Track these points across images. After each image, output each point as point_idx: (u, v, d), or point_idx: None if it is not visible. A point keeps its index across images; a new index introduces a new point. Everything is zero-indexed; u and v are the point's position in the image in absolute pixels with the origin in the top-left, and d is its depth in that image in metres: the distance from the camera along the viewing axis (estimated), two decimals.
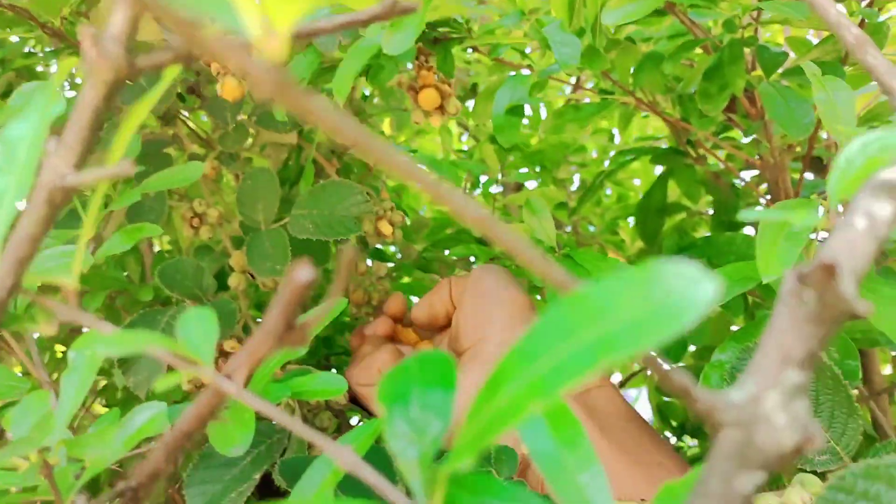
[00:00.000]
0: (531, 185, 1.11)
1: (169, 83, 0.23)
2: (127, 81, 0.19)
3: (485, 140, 0.92)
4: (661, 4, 0.45)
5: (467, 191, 0.97)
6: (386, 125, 1.16)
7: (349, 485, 0.38)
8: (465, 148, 1.28)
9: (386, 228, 0.66)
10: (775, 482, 0.43)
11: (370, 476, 0.18)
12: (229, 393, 0.19)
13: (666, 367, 0.16)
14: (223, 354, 0.60)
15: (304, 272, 0.17)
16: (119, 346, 0.19)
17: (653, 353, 0.16)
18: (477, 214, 0.15)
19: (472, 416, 0.16)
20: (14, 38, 0.89)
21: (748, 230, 0.82)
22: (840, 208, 0.39)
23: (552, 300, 0.53)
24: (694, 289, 0.14)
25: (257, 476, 0.48)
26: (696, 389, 0.16)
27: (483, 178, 1.13)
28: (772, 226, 0.35)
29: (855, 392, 0.43)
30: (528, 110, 0.98)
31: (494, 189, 1.03)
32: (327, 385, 0.39)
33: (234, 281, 0.64)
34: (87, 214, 0.53)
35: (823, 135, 0.68)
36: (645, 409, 0.89)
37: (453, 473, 0.18)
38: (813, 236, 0.38)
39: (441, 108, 0.60)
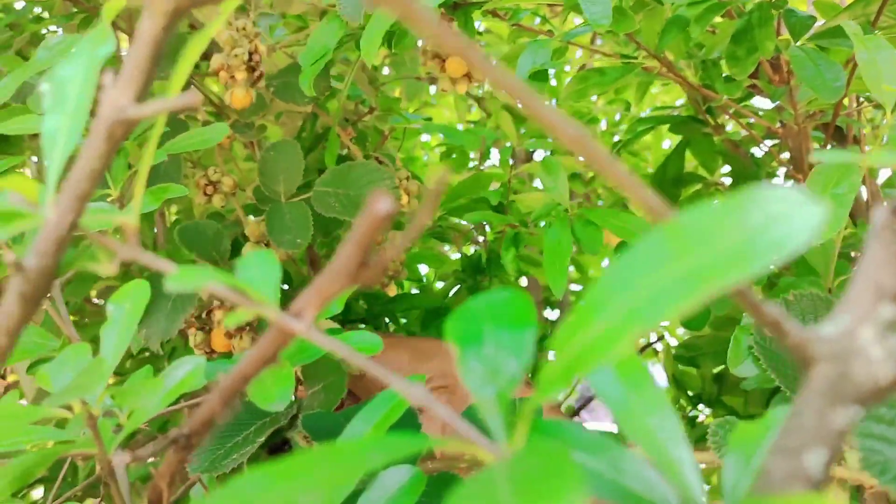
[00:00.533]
0: (540, 156, 1.10)
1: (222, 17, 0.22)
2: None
3: (499, 109, 0.91)
4: None
5: (479, 162, 0.97)
6: (397, 94, 1.15)
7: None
8: (474, 121, 1.27)
9: (402, 198, 0.65)
10: None
11: (444, 412, 0.18)
12: (297, 333, 0.19)
13: (758, 299, 0.16)
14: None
15: (383, 203, 0.16)
16: (184, 282, 0.18)
17: (745, 285, 0.16)
18: (572, 131, 0.14)
19: (559, 347, 0.16)
20: (19, 5, 0.88)
21: None
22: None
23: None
24: (798, 213, 0.14)
25: (260, 440, 0.48)
26: (789, 323, 0.16)
27: (494, 151, 1.12)
28: (818, 187, 0.34)
29: None
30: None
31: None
32: (363, 343, 0.39)
33: (248, 250, 0.64)
34: (113, 175, 0.52)
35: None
36: (660, 378, 0.89)
37: (534, 419, 0.17)
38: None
39: (468, 75, 0.59)
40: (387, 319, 0.81)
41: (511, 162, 1.06)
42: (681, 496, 0.18)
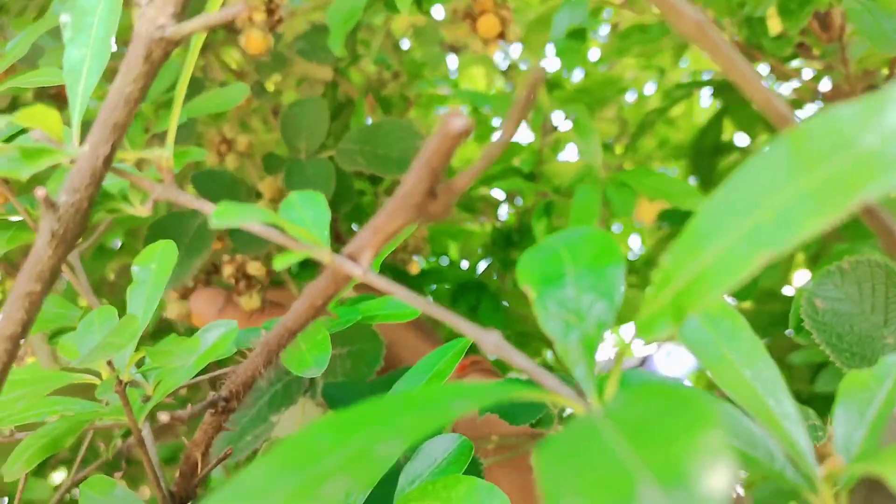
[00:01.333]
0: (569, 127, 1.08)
1: None
2: None
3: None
4: None
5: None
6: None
7: None
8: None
9: None
10: None
11: (521, 361, 0.16)
12: (354, 276, 0.17)
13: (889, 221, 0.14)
14: (246, 277, 0.58)
15: (458, 120, 0.14)
16: (227, 219, 0.16)
17: (876, 206, 0.14)
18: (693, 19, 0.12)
19: (663, 276, 0.14)
20: None
21: None
22: None
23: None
24: None
25: (274, 419, 0.46)
26: None
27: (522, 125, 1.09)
28: None
29: None
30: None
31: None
32: (401, 308, 0.37)
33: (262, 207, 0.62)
34: (130, 139, 0.50)
35: None
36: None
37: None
38: None
39: (501, 35, 0.56)
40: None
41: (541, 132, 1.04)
42: (786, 452, 0.16)
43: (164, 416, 0.22)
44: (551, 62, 0.88)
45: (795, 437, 0.17)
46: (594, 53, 0.91)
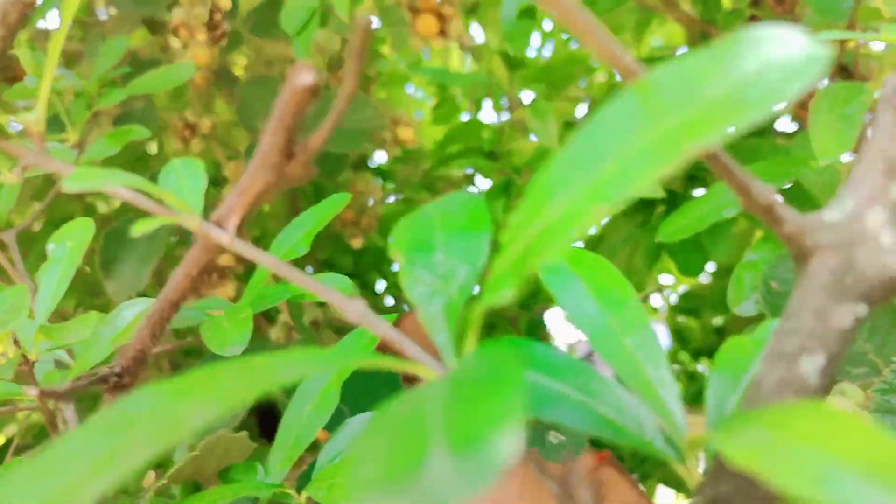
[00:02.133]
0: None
1: None
2: None
3: (491, 54, 0.87)
4: None
5: (471, 112, 0.94)
6: (386, 48, 1.11)
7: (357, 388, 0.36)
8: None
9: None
10: None
11: (383, 328, 0.15)
12: (220, 243, 0.17)
13: (746, 176, 0.13)
14: (217, 269, 0.58)
15: (304, 74, 0.14)
16: (82, 183, 0.16)
17: (727, 158, 0.13)
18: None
19: (510, 235, 0.13)
20: None
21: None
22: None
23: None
24: (798, 55, 0.11)
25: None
26: (783, 207, 0.13)
27: (487, 104, 1.09)
28: (825, 107, 0.32)
29: None
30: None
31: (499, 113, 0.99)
32: (335, 284, 0.36)
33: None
34: (71, 117, 0.49)
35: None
36: (662, 334, 0.87)
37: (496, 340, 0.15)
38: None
39: (442, 32, 0.56)
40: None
41: (507, 107, 1.03)
42: (659, 422, 0.16)
43: (31, 391, 0.22)
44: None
45: (670, 406, 0.16)
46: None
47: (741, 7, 0.51)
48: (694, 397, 0.83)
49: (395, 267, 0.82)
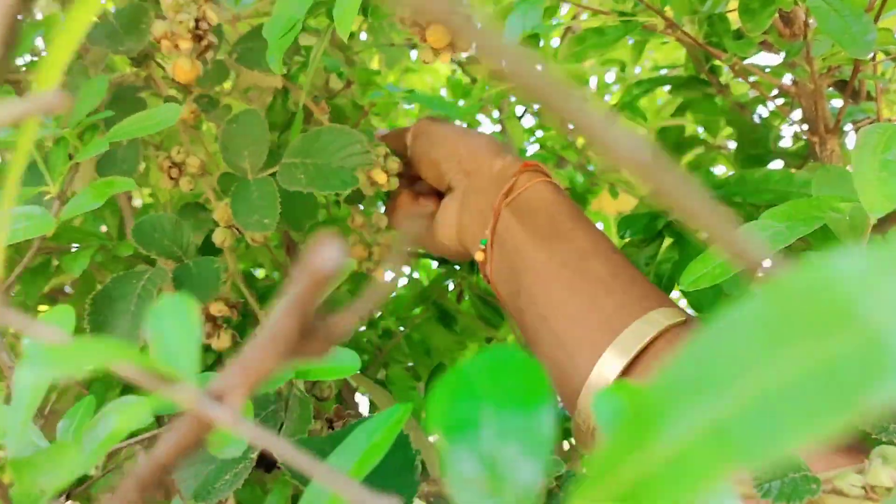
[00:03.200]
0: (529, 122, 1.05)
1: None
2: None
3: (486, 75, 0.85)
4: None
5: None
6: (375, 62, 1.08)
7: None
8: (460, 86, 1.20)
9: (380, 177, 0.59)
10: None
11: None
12: (221, 423, 0.14)
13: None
14: (210, 319, 0.55)
15: (329, 253, 0.11)
16: (69, 365, 0.13)
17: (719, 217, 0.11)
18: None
19: (602, 463, 0.11)
20: None
21: (774, 165, 0.77)
22: None
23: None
24: None
25: (254, 455, 0.43)
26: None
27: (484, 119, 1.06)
28: (868, 153, 0.29)
29: None
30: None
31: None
32: (338, 363, 0.34)
33: (218, 237, 0.58)
34: (51, 168, 0.46)
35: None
36: None
37: None
38: None
39: (451, 45, 0.53)
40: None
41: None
42: None
43: None
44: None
45: None
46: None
47: (753, 33, 0.49)
48: None
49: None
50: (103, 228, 0.74)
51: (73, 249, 0.60)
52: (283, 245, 0.76)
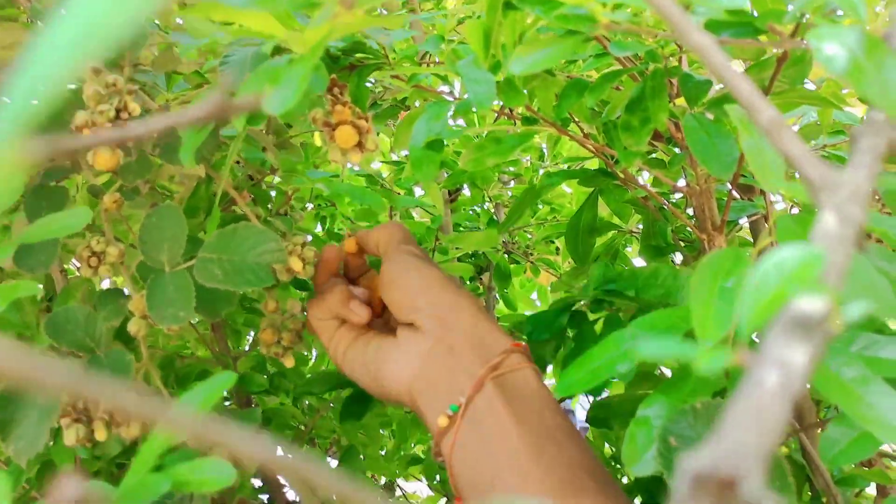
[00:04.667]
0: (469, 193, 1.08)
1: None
2: None
3: None
4: (571, 55, 0.42)
5: (393, 215, 0.94)
6: (317, 138, 1.11)
7: None
8: (394, 158, 1.24)
9: (296, 264, 0.62)
10: None
11: None
12: None
13: None
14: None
15: (69, 490, 0.13)
16: None
17: None
18: None
19: None
20: None
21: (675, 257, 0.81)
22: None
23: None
24: None
25: None
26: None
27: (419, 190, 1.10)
28: (705, 283, 0.32)
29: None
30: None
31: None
32: (216, 474, 0.35)
33: (133, 327, 0.59)
34: None
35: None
36: None
37: None
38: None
39: (359, 145, 0.56)
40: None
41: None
42: None
43: None
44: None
45: None
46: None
47: (635, 148, 0.53)
48: None
49: None
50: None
51: None
52: (210, 325, 0.77)
